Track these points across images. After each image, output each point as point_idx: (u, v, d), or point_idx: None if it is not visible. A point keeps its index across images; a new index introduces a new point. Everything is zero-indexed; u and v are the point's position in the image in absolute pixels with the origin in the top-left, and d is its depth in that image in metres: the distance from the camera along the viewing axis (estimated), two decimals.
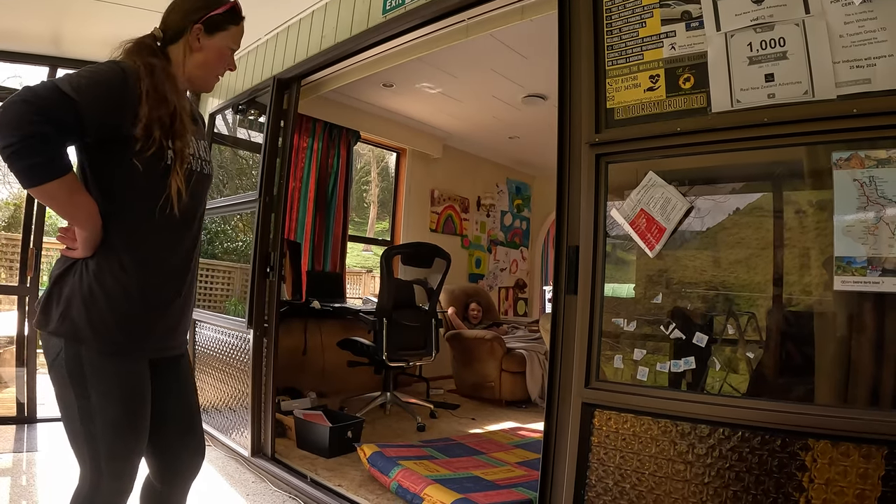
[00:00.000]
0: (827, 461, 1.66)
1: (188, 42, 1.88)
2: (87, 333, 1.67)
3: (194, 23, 1.87)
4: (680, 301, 2.10)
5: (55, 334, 1.67)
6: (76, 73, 1.60)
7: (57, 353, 1.67)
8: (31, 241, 4.73)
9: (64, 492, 3.29)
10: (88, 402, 1.68)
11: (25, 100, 1.46)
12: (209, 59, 1.93)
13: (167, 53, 1.87)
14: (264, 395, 4.00)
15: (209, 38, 1.90)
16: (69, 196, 1.60)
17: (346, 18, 3.62)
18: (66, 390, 1.68)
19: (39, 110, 1.47)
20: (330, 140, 6.35)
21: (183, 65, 1.89)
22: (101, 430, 1.70)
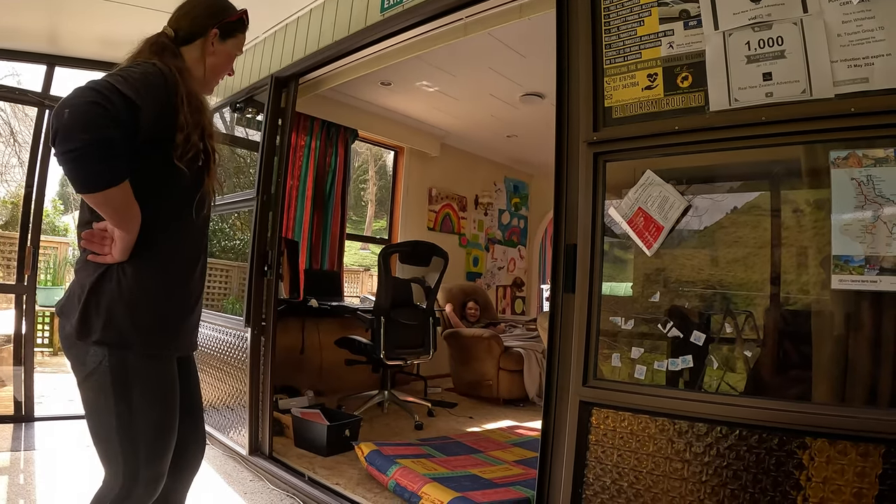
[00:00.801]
0: (824, 459, 1.67)
1: (204, 46, 1.93)
2: (132, 339, 1.68)
3: (212, 27, 1.93)
4: (677, 300, 2.10)
5: (99, 343, 1.65)
6: (124, 73, 1.58)
7: (99, 361, 1.66)
8: (29, 239, 4.72)
9: (63, 491, 3.29)
10: (130, 407, 1.68)
11: (94, 101, 1.42)
12: (219, 63, 1.99)
13: (181, 55, 1.89)
14: (262, 394, 4.00)
15: (222, 44, 1.97)
16: (125, 202, 1.59)
17: (344, 16, 3.62)
18: (107, 398, 1.67)
19: (108, 113, 1.44)
20: (328, 138, 6.35)
21: (196, 67, 1.93)
22: (144, 434, 1.71)
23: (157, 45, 1.86)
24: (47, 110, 4.81)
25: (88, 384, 1.69)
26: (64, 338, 1.73)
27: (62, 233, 18.69)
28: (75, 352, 1.70)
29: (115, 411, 1.67)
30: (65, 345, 1.74)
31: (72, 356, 1.72)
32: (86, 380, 1.69)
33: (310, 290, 5.78)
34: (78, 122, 1.40)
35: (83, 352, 1.68)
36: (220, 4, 1.99)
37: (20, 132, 13.92)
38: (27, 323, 4.75)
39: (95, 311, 1.66)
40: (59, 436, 4.39)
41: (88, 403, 1.72)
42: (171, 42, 1.90)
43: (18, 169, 14.36)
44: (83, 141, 1.40)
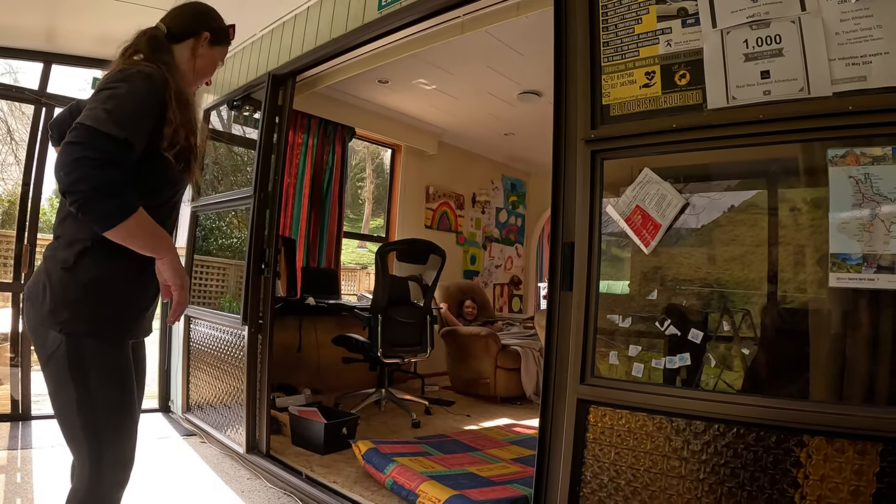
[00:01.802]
0: (822, 457, 1.67)
1: (195, 46, 2.05)
2: (91, 324, 1.74)
3: (204, 30, 2.07)
4: (675, 298, 2.10)
5: (59, 329, 1.70)
6: (111, 98, 1.63)
7: (58, 345, 1.71)
8: (26, 237, 4.72)
9: (60, 489, 3.28)
10: (88, 389, 1.73)
11: (84, 156, 1.51)
12: (204, 66, 2.13)
13: (172, 52, 1.98)
14: (259, 392, 4.00)
15: (209, 48, 2.11)
16: (146, 228, 1.67)
17: (342, 14, 3.61)
18: (66, 381, 1.72)
19: (100, 160, 1.53)
20: (325, 136, 6.34)
21: (185, 65, 2.03)
22: (103, 415, 1.77)
23: (152, 39, 1.95)
24: (44, 108, 4.80)
25: (49, 368, 1.74)
26: (28, 322, 1.78)
27: None
28: (37, 336, 1.75)
29: (74, 394, 1.73)
30: (29, 328, 1.78)
31: (35, 340, 1.77)
32: (47, 363, 1.74)
33: (307, 288, 5.77)
34: (78, 178, 1.50)
35: (44, 336, 1.73)
36: (214, 13, 2.17)
37: (17, 130, 13.88)
38: (24, 321, 4.74)
39: (59, 298, 1.71)
40: (57, 434, 4.37)
41: (50, 386, 1.77)
42: (164, 38, 1.99)
43: (15, 167, 14.33)
44: (85, 190, 1.50)
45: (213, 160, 4.97)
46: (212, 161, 4.95)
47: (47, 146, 4.80)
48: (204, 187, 4.87)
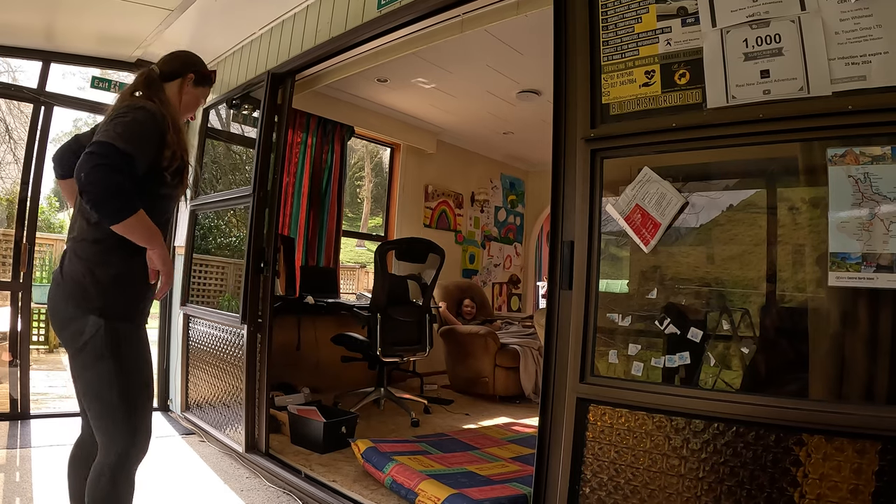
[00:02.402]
0: (821, 456, 1.67)
1: (182, 84, 2.48)
2: (122, 310, 2.14)
3: (189, 72, 2.50)
4: (674, 297, 2.10)
5: (98, 314, 2.07)
6: (120, 124, 2.02)
7: (97, 329, 2.07)
8: (24, 236, 4.71)
9: (59, 488, 3.28)
10: (122, 365, 2.09)
11: (100, 164, 1.88)
12: (189, 102, 2.54)
13: (164, 88, 2.41)
14: (258, 391, 4.00)
15: (194, 88, 2.53)
16: (144, 225, 2.03)
17: (341, 13, 3.61)
18: (104, 359, 2.07)
19: (110, 166, 1.89)
20: (324, 135, 6.33)
21: (174, 99, 2.44)
22: (136, 388, 2.14)
23: (148, 78, 2.39)
24: (43, 107, 4.79)
25: (87, 350, 2.08)
26: (62, 313, 2.12)
27: (57, 230, 18.62)
28: (75, 325, 2.08)
29: (112, 368, 2.07)
30: (62, 320, 2.12)
31: (70, 329, 2.10)
32: (84, 347, 2.08)
33: (306, 286, 5.77)
34: (94, 181, 1.87)
35: (82, 323, 2.07)
36: (199, 60, 2.60)
37: (15, 129, 13.86)
38: (23, 320, 4.74)
39: (96, 290, 2.08)
40: (56, 433, 4.38)
41: (88, 368, 2.10)
42: (157, 77, 2.42)
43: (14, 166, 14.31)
44: (96, 193, 1.88)
45: (211, 159, 4.97)
46: (210, 160, 4.95)
47: (46, 145, 4.80)
48: (202, 186, 4.87)
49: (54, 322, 2.17)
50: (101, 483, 2.11)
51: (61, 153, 2.47)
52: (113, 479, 2.11)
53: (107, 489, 2.11)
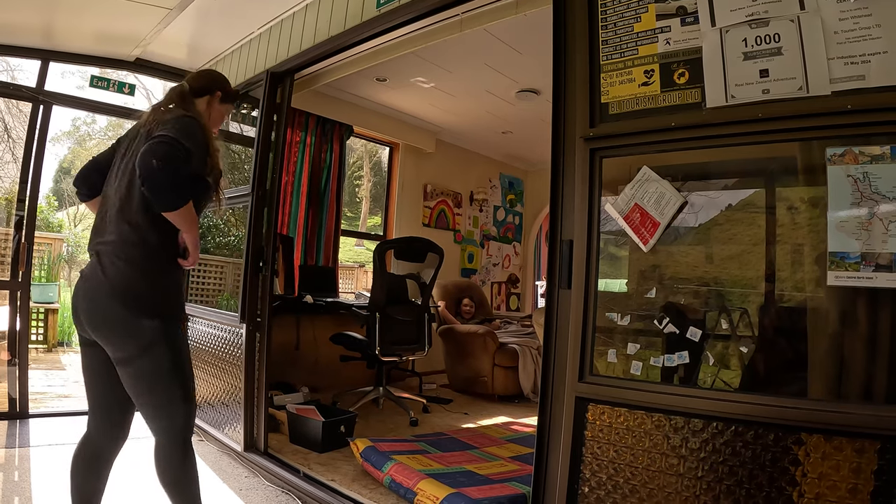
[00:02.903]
0: (820, 455, 1.67)
1: (210, 101, 2.65)
2: (171, 311, 2.37)
3: (217, 90, 2.67)
4: (673, 296, 2.10)
5: (154, 317, 2.27)
6: (174, 129, 2.20)
7: (153, 330, 2.26)
8: (23, 235, 4.71)
9: (57, 488, 3.28)
10: (178, 356, 2.35)
11: (169, 154, 2.09)
12: (216, 118, 2.73)
13: (195, 103, 2.58)
14: (257, 390, 4.00)
15: (220, 104, 2.71)
16: (191, 213, 2.29)
17: (340, 12, 3.61)
18: (163, 354, 2.28)
19: (179, 159, 2.13)
20: (323, 134, 6.33)
21: (204, 114, 2.60)
22: (188, 376, 2.41)
23: (181, 94, 2.55)
24: (41, 106, 4.79)
25: (150, 352, 2.26)
26: (108, 313, 2.25)
27: (56, 229, 18.61)
28: (132, 330, 2.24)
29: (170, 359, 2.30)
30: (108, 320, 2.25)
31: (124, 335, 2.25)
32: (146, 350, 2.25)
33: (305, 286, 5.77)
34: (160, 168, 2.06)
35: (138, 325, 2.24)
36: (224, 78, 2.77)
37: (14, 128, 13.86)
38: (21, 319, 4.73)
39: (151, 293, 2.29)
40: (54, 433, 4.37)
41: (148, 367, 2.28)
42: (189, 93, 2.57)
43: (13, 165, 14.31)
44: (165, 180, 2.09)
45: None
46: None
47: (45, 144, 4.80)
48: None
49: (94, 321, 2.28)
50: (174, 464, 2.38)
51: (87, 174, 2.59)
52: (184, 458, 2.39)
53: (183, 468, 2.40)
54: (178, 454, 2.38)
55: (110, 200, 2.36)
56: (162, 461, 2.40)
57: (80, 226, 26.06)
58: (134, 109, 5.63)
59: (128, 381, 2.31)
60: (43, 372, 7.08)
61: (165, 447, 2.38)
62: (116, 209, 2.31)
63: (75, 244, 22.61)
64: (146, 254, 2.29)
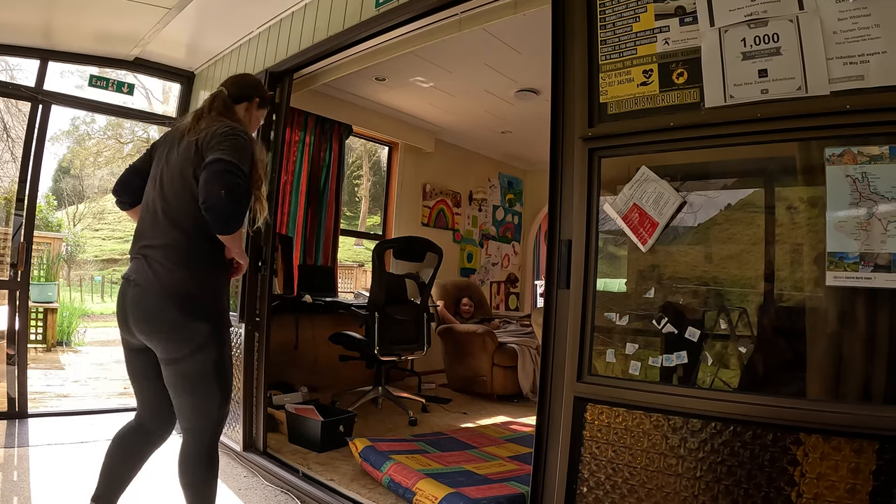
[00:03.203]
0: (818, 456, 1.67)
1: (249, 107, 2.70)
2: (221, 316, 2.44)
3: (255, 96, 2.72)
4: (672, 296, 2.10)
5: (207, 321, 2.34)
6: (232, 145, 2.28)
7: (207, 332, 2.33)
8: (22, 234, 4.70)
9: (56, 487, 3.28)
10: (223, 357, 2.41)
11: (235, 185, 2.17)
12: (253, 123, 2.78)
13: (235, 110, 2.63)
14: (256, 390, 4.00)
15: (257, 110, 2.77)
16: (241, 234, 2.38)
17: (339, 11, 3.61)
18: (211, 354, 2.35)
19: (242, 188, 2.22)
20: (322, 134, 6.33)
21: (244, 120, 2.66)
22: (230, 376, 2.51)
23: (223, 102, 2.58)
24: (40, 105, 4.78)
25: (199, 354, 2.33)
26: (160, 316, 2.30)
27: (55, 228, 18.63)
28: (184, 331, 2.30)
29: (217, 360, 2.38)
30: (159, 322, 2.30)
31: (176, 336, 2.31)
32: (196, 351, 2.32)
33: (304, 285, 5.77)
34: (227, 199, 2.14)
35: (192, 329, 2.31)
36: (260, 83, 2.83)
37: (13, 127, 13.85)
38: (20, 319, 4.73)
39: (203, 302, 2.36)
40: (54, 432, 4.37)
41: (195, 368, 2.34)
42: (229, 100, 2.61)
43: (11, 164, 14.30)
44: (227, 211, 2.16)
45: None
46: None
47: (44, 143, 4.79)
48: None
49: (146, 324, 2.34)
50: (200, 467, 2.41)
51: (127, 180, 2.64)
52: (209, 462, 2.44)
53: (207, 472, 2.43)
54: (204, 457, 2.42)
55: (157, 205, 2.40)
56: (188, 462, 2.42)
57: (80, 225, 26.09)
58: (133, 109, 5.63)
59: (171, 379, 2.38)
60: (42, 371, 7.09)
61: (193, 449, 2.42)
62: (166, 215, 2.36)
63: (74, 243, 22.65)
64: (198, 259, 2.36)
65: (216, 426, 2.45)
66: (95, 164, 28.64)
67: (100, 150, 28.71)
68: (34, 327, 8.64)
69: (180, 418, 2.44)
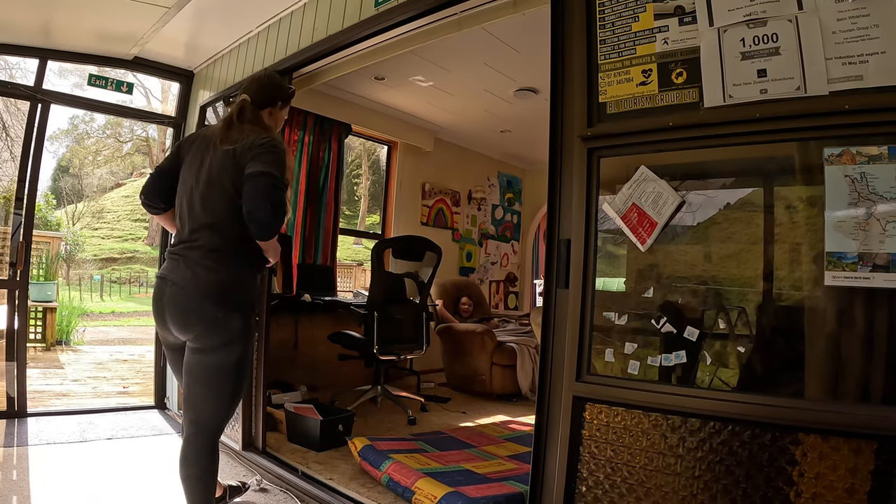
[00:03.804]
0: (817, 455, 1.68)
1: (273, 111, 2.83)
2: (252, 309, 2.63)
3: (278, 99, 2.84)
4: (671, 295, 2.11)
5: (241, 313, 2.52)
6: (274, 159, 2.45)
7: (239, 325, 2.50)
8: (21, 234, 4.70)
9: (56, 486, 3.28)
10: (248, 352, 2.58)
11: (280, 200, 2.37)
12: (278, 121, 2.91)
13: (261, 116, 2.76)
14: (255, 389, 4.00)
15: (280, 110, 2.90)
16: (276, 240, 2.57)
17: (338, 11, 3.61)
18: (240, 345, 2.51)
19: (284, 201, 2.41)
20: (321, 133, 6.32)
21: (269, 124, 2.79)
22: (246, 375, 2.64)
23: (254, 112, 2.71)
24: (40, 104, 4.78)
25: (229, 347, 2.49)
26: (198, 313, 2.46)
27: (54, 227, 18.63)
28: (219, 324, 2.46)
29: (239, 364, 2.52)
30: (208, 321, 2.46)
31: (213, 328, 2.46)
32: (227, 343, 2.48)
33: (303, 284, 5.77)
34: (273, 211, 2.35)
35: (227, 320, 2.47)
36: (282, 83, 2.91)
37: (12, 126, 13.86)
38: (20, 318, 4.73)
39: (238, 295, 2.54)
40: (53, 432, 4.37)
41: (221, 361, 2.49)
42: (254, 107, 2.73)
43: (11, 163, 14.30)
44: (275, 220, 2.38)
45: None
46: None
47: (43, 142, 4.79)
48: None
49: (183, 321, 2.50)
50: (200, 459, 2.53)
51: (157, 187, 2.72)
52: (210, 455, 2.55)
53: (207, 465, 2.55)
54: (205, 451, 2.53)
55: (196, 210, 2.55)
56: (188, 455, 2.53)
57: (79, 224, 26.09)
58: (132, 108, 5.63)
59: (192, 369, 2.52)
60: (41, 371, 7.08)
61: (196, 440, 2.53)
62: (205, 220, 2.52)
63: (73, 242, 22.66)
64: (236, 260, 2.54)
65: (220, 422, 2.56)
66: (94, 163, 28.67)
67: (99, 148, 28.73)
68: (33, 326, 8.64)
69: (188, 409, 2.55)
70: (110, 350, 9.41)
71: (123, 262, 24.82)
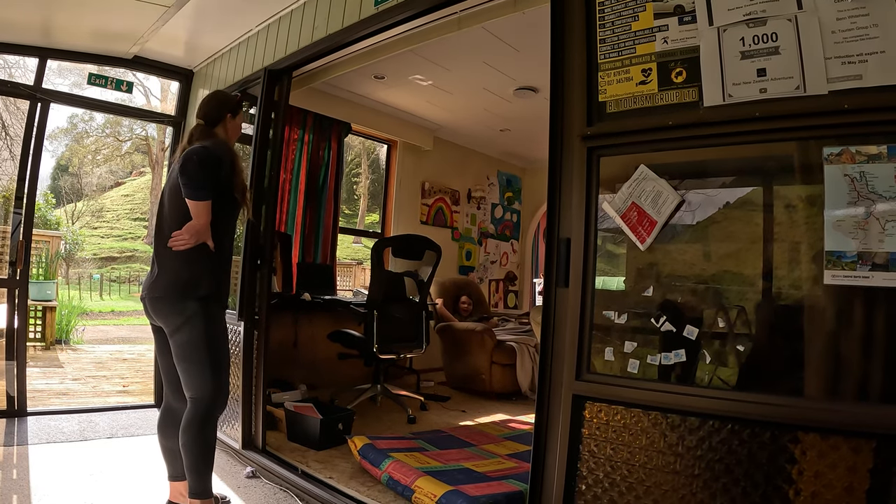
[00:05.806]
0: (816, 454, 1.68)
1: (225, 125, 3.10)
2: (212, 295, 2.89)
3: (226, 113, 3.09)
4: (670, 294, 2.11)
5: (197, 299, 2.82)
6: (186, 162, 2.73)
7: (196, 309, 2.80)
8: (21, 233, 4.70)
9: (56, 485, 3.28)
10: (214, 336, 2.86)
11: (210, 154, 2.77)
12: (235, 131, 3.19)
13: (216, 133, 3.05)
14: (255, 388, 4.00)
15: (233, 120, 3.14)
16: (207, 209, 2.78)
17: (338, 10, 3.61)
18: (200, 331, 2.80)
19: (215, 161, 2.79)
20: (321, 132, 6.32)
21: (224, 137, 3.10)
22: (223, 354, 2.91)
23: (203, 131, 3.00)
24: (39, 103, 4.78)
25: (189, 325, 2.79)
26: (165, 299, 2.84)
27: (54, 226, 18.60)
28: (177, 307, 2.81)
29: (206, 335, 2.81)
30: (165, 304, 2.84)
31: (172, 311, 2.82)
32: (186, 322, 2.79)
33: (303, 283, 5.77)
34: (203, 162, 2.72)
35: (183, 305, 2.80)
36: (226, 97, 3.18)
37: (12, 125, 13.86)
38: (19, 317, 4.73)
39: (195, 280, 2.84)
40: (53, 430, 4.38)
41: (187, 337, 2.80)
42: (206, 127, 3.03)
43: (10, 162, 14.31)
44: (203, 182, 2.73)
45: None
46: None
47: (42, 141, 4.79)
48: None
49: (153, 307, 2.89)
50: (192, 429, 2.78)
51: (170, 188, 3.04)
52: (201, 425, 2.80)
53: (198, 436, 2.79)
54: (196, 421, 2.79)
55: (162, 219, 2.95)
56: (183, 427, 2.81)
57: (78, 223, 26.08)
58: (132, 107, 5.63)
59: (174, 350, 2.85)
60: (41, 370, 7.09)
61: (189, 413, 2.81)
62: (167, 224, 2.89)
63: (73, 241, 22.64)
64: (187, 252, 2.81)
65: (212, 396, 2.84)
66: (94, 162, 28.66)
67: (98, 147, 28.73)
68: (33, 325, 8.63)
69: (185, 388, 2.86)
70: (110, 349, 9.40)
71: (123, 261, 24.80)
